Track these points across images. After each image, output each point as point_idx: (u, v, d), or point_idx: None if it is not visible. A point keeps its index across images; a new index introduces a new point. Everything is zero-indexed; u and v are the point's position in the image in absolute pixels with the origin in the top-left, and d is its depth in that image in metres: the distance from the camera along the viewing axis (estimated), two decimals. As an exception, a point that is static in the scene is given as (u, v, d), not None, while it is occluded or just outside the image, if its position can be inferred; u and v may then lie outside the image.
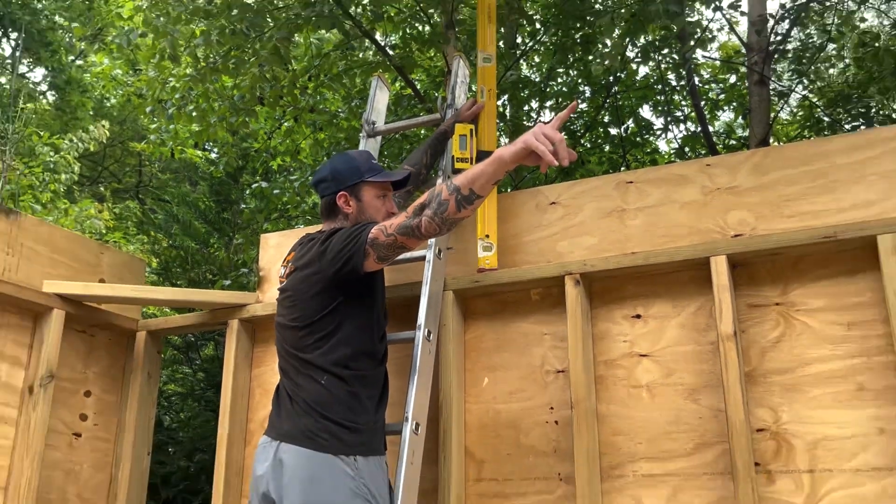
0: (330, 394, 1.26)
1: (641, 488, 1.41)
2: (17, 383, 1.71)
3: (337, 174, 1.51)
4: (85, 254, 2.01)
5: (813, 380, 1.36)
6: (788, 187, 1.43)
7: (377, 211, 1.48)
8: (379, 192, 1.51)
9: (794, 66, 3.80)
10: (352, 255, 1.26)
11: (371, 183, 1.48)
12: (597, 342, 1.52)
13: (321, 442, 1.21)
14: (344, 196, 1.48)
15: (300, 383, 1.30)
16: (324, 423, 1.24)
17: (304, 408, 1.25)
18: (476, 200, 1.18)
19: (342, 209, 1.47)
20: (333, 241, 1.33)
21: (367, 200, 1.48)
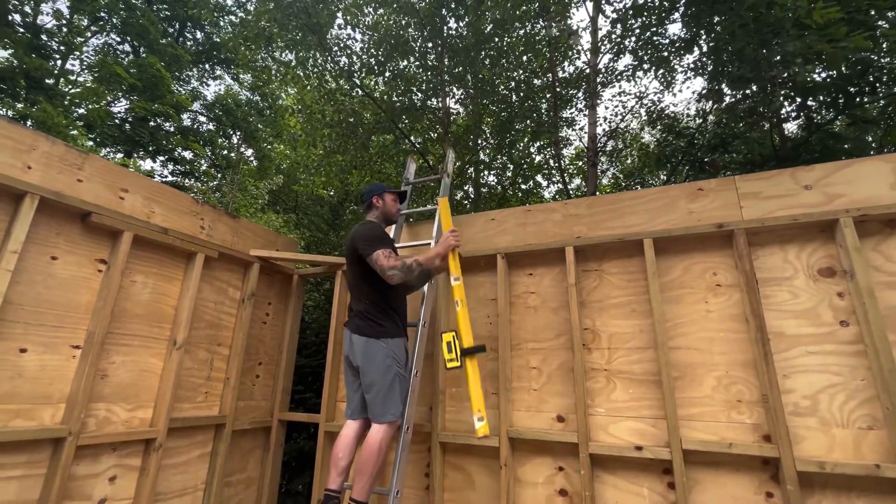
0: (373, 307, 2.39)
1: (529, 354, 2.76)
2: (236, 297, 3.30)
3: (373, 189, 2.74)
4: (269, 237, 3.45)
5: (611, 305, 2.66)
6: (603, 215, 2.77)
7: (393, 206, 2.73)
8: (393, 198, 2.76)
9: (609, 159, 5.99)
10: (363, 251, 2.34)
11: (389, 192, 2.75)
12: (510, 286, 2.90)
13: (368, 332, 2.32)
14: (376, 198, 2.71)
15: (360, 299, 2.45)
16: (369, 322, 2.35)
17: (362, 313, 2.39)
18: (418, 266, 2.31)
19: (375, 204, 2.69)
20: (359, 246, 2.36)
21: (387, 201, 2.72)
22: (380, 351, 2.30)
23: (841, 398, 2.08)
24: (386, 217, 2.73)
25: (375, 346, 2.31)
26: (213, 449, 2.95)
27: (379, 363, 2.28)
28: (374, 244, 2.34)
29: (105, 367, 2.45)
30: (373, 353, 2.30)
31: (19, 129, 2.23)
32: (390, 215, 2.74)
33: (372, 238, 2.38)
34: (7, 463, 2.04)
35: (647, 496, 2.28)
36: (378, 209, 2.70)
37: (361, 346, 2.32)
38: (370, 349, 2.31)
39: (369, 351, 2.30)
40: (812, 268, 2.29)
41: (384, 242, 2.38)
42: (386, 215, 2.72)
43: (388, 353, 2.31)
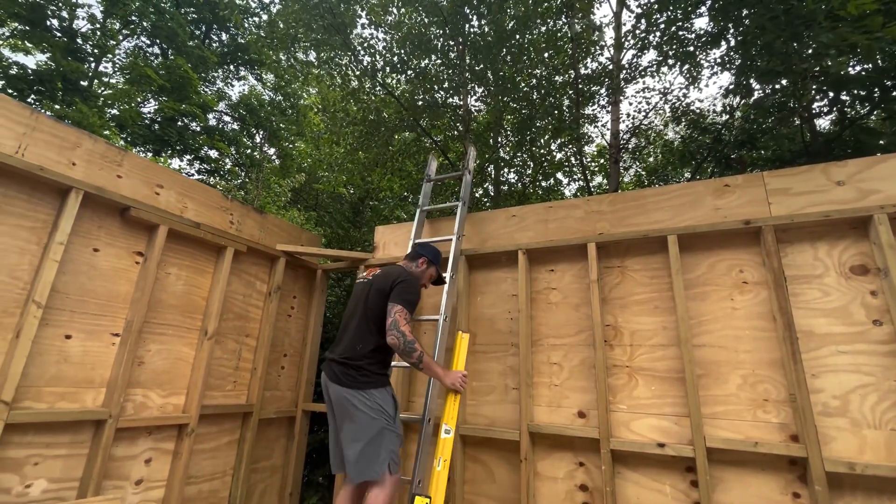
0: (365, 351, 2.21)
1: (550, 350, 2.78)
2: (263, 290, 3.38)
3: (431, 252, 2.64)
4: (294, 232, 3.56)
5: (633, 302, 2.65)
6: (626, 212, 2.75)
7: (427, 279, 2.60)
8: (432, 275, 2.63)
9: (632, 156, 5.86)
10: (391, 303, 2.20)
11: (435, 267, 2.63)
12: (531, 282, 2.91)
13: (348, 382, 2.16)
14: (425, 261, 2.60)
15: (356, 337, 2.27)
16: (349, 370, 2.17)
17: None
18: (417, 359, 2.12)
19: (419, 265, 2.58)
20: (396, 289, 2.24)
21: (429, 272, 2.60)
22: (363, 404, 2.13)
23: (873, 399, 2.03)
24: (418, 279, 2.54)
25: (357, 399, 2.13)
26: (240, 436, 3.06)
27: (362, 418, 2.10)
28: (408, 300, 2.24)
29: (142, 354, 2.57)
30: (354, 407, 2.13)
31: (65, 128, 2.36)
32: (421, 283, 2.59)
33: (410, 293, 2.28)
34: (53, 442, 2.17)
35: (670, 493, 2.27)
36: (419, 270, 2.58)
37: (338, 397, 2.17)
38: (352, 402, 2.13)
39: (350, 404, 2.13)
40: (844, 265, 2.24)
41: (413, 308, 2.27)
42: (419, 278, 2.56)
43: (373, 405, 2.13)
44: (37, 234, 2.21)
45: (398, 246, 3.49)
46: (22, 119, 2.20)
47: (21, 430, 2.05)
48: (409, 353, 2.11)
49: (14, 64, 9.61)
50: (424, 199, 3.46)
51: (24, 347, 2.05)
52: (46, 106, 9.44)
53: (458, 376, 2.32)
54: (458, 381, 2.31)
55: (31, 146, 2.20)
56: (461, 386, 2.32)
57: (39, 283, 2.13)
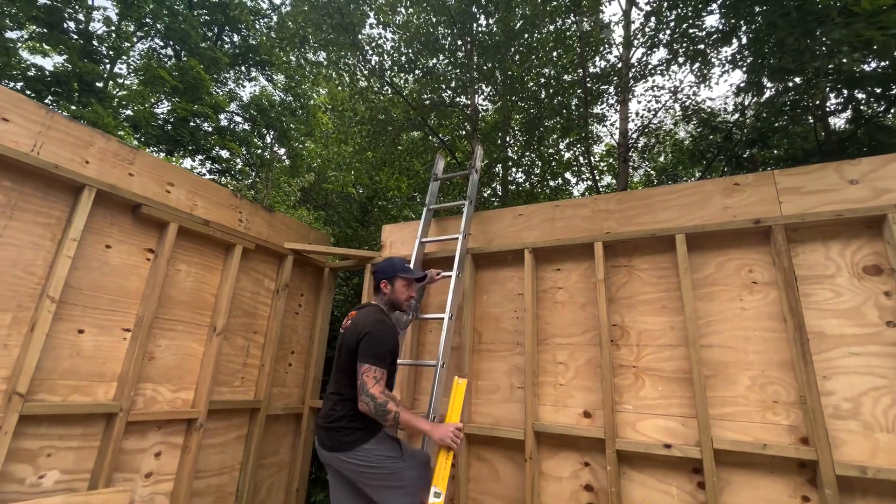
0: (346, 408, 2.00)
1: (556, 349, 2.76)
2: (271, 288, 3.40)
3: (383, 269, 2.26)
4: (302, 230, 3.59)
5: (640, 302, 2.62)
6: (633, 210, 2.72)
7: (402, 293, 2.23)
8: (405, 283, 2.27)
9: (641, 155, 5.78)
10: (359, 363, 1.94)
11: (401, 277, 2.24)
12: (537, 281, 2.89)
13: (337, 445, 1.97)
14: (385, 282, 2.23)
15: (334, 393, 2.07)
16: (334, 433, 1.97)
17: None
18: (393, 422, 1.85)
19: (383, 290, 2.23)
20: (362, 345, 1.95)
21: (397, 286, 2.23)
22: (364, 463, 1.97)
23: (886, 401, 1.99)
24: (392, 304, 2.29)
25: (354, 462, 1.96)
26: (248, 431, 3.09)
27: (374, 478, 1.97)
28: (376, 354, 1.97)
29: (152, 349, 2.61)
30: (357, 471, 1.97)
31: (78, 127, 2.41)
32: (398, 304, 2.29)
33: (378, 344, 1.99)
34: (66, 434, 2.21)
35: (676, 495, 2.24)
36: (385, 295, 2.27)
37: (334, 462, 2.01)
38: (350, 464, 1.97)
39: (351, 467, 1.97)
40: (856, 266, 2.20)
41: (385, 360, 2.00)
42: (393, 303, 2.28)
43: (372, 459, 1.96)
44: (51, 231, 2.26)
45: (405, 244, 3.50)
46: (37, 118, 2.25)
47: (35, 421, 2.10)
48: (382, 416, 1.88)
49: (32, 66, 9.83)
50: (431, 197, 3.46)
51: (39, 341, 2.09)
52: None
53: (448, 430, 1.95)
54: (450, 436, 1.94)
55: (46, 144, 2.25)
56: (453, 441, 1.94)
57: (53, 278, 2.17)
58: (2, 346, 2.05)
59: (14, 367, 2.06)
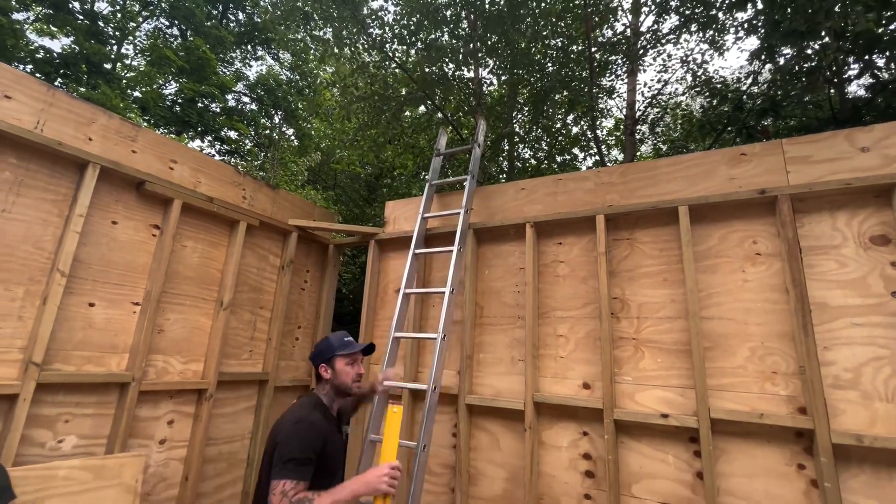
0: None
1: (557, 322, 2.77)
2: (276, 264, 3.48)
3: (319, 352, 1.90)
4: (306, 207, 3.61)
5: (641, 275, 2.61)
6: (637, 183, 2.69)
7: (346, 374, 1.84)
8: (348, 361, 1.87)
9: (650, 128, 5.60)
10: (272, 480, 1.57)
11: (340, 355, 1.85)
12: (539, 255, 2.89)
13: None
14: (323, 366, 1.87)
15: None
16: None
17: None
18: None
19: (323, 376, 1.86)
20: (276, 456, 1.61)
21: (338, 368, 1.84)
22: None
23: (887, 371, 1.97)
24: (338, 390, 1.90)
25: None
26: (257, 402, 3.19)
27: None
28: (287, 462, 1.60)
29: (161, 322, 2.69)
30: None
31: (80, 104, 2.43)
32: (344, 388, 1.89)
33: (290, 450, 1.62)
34: (82, 402, 2.32)
35: (672, 463, 2.28)
36: (326, 382, 1.89)
37: None
38: None
39: None
40: (863, 235, 2.15)
41: (300, 471, 1.60)
42: (338, 389, 1.89)
43: None
44: (58, 207, 2.31)
45: (408, 220, 3.51)
46: (39, 95, 2.28)
47: (52, 389, 2.20)
48: None
49: (41, 48, 9.86)
50: (433, 173, 3.44)
51: (51, 313, 2.17)
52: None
53: (379, 475, 1.62)
54: (384, 481, 1.61)
55: (49, 122, 2.28)
56: (388, 485, 1.62)
57: (62, 253, 2.23)
58: (16, 318, 2.13)
59: (29, 338, 2.14)
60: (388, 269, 3.52)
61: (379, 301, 3.47)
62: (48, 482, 2.02)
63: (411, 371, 3.09)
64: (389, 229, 3.55)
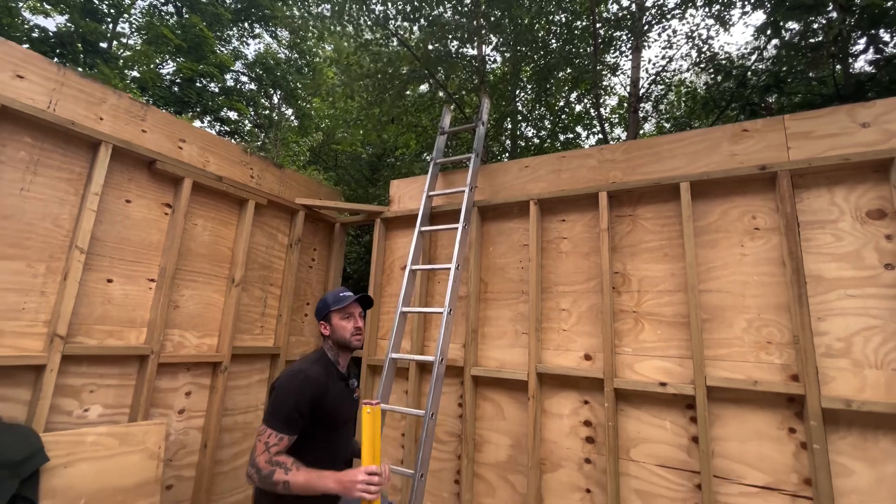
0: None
1: (559, 297, 2.85)
2: (284, 243, 3.57)
3: (318, 310, 1.93)
4: (312, 186, 3.66)
5: (643, 250, 2.68)
6: (640, 160, 2.74)
7: (344, 329, 1.84)
8: (343, 316, 1.86)
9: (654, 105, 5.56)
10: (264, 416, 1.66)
11: (335, 311, 1.86)
12: (542, 231, 2.96)
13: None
14: (322, 324, 1.89)
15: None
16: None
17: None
18: (285, 491, 1.52)
19: (323, 333, 1.89)
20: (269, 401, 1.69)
21: (335, 323, 1.85)
22: None
23: (877, 340, 2.05)
24: (340, 345, 1.89)
25: None
26: (270, 375, 3.31)
27: None
28: (274, 415, 1.64)
29: (176, 298, 2.77)
30: None
31: (91, 83, 2.46)
32: (345, 342, 1.87)
33: (276, 402, 1.66)
34: (105, 373, 2.42)
35: (670, 429, 2.39)
36: (328, 339, 1.90)
37: None
38: None
39: None
40: (860, 210, 2.20)
41: (286, 423, 1.63)
42: (339, 344, 1.88)
43: None
44: (73, 186, 2.37)
45: (413, 199, 3.56)
46: (51, 75, 2.30)
47: (76, 361, 2.30)
48: (271, 486, 1.57)
49: (36, 27, 9.72)
50: (438, 152, 3.48)
51: (73, 288, 2.25)
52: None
53: (354, 479, 1.54)
54: (357, 486, 1.53)
55: (61, 101, 2.32)
56: (362, 490, 1.53)
57: (80, 230, 2.30)
58: (39, 293, 2.21)
59: (52, 312, 2.23)
60: (393, 247, 3.59)
61: (385, 278, 3.55)
62: (77, 447, 2.14)
63: (418, 344, 3.19)
64: (395, 208, 3.60)
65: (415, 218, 3.31)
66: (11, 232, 2.14)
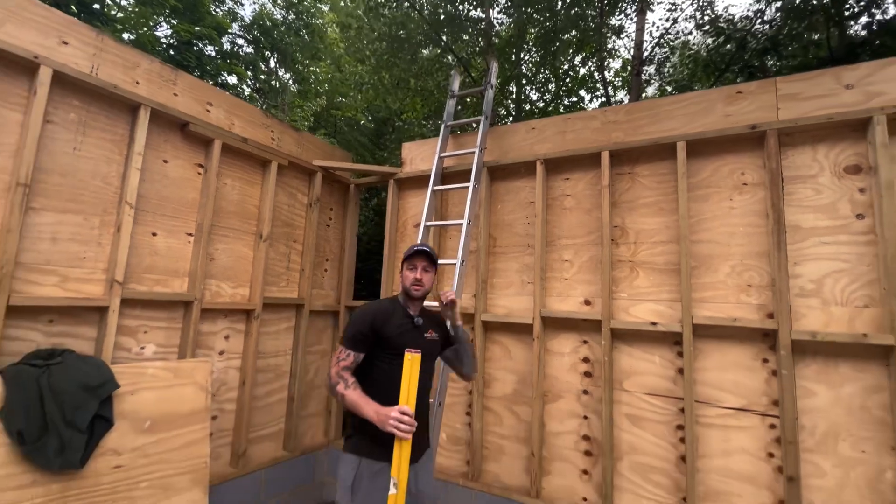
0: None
1: (562, 249, 3.11)
2: (304, 202, 3.79)
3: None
4: (327, 149, 3.84)
5: (640, 205, 2.91)
6: (641, 121, 2.93)
7: (406, 279, 2.06)
8: (407, 266, 2.07)
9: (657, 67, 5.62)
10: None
11: (404, 261, 2.09)
12: (548, 189, 3.20)
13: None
14: (399, 274, 2.22)
15: None
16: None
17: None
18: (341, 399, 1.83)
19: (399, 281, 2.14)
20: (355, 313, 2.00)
21: (403, 273, 2.08)
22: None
23: (845, 281, 2.32)
24: (405, 293, 2.09)
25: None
26: (296, 324, 3.61)
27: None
28: (345, 337, 1.95)
29: (212, 251, 3.03)
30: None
31: (126, 48, 2.61)
32: (405, 290, 2.08)
33: (348, 328, 1.96)
34: (156, 317, 2.70)
35: (658, 362, 2.70)
36: (402, 286, 2.12)
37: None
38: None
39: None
40: (839, 165, 2.42)
41: (351, 341, 1.91)
42: (405, 291, 2.09)
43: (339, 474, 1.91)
44: (118, 146, 2.57)
45: (424, 161, 3.76)
46: (90, 40, 2.46)
47: (131, 304, 2.57)
48: (334, 395, 1.91)
49: (29, -13, 9.50)
50: (448, 115, 3.64)
51: (126, 240, 2.50)
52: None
53: (388, 414, 1.70)
54: (389, 423, 1.68)
55: (101, 66, 2.48)
56: (392, 426, 1.67)
57: (128, 187, 2.52)
58: (97, 244, 2.46)
59: (109, 261, 2.48)
60: (405, 206, 3.82)
61: (399, 235, 3.79)
62: (139, 378, 2.44)
63: (433, 295, 3.47)
64: (407, 169, 3.80)
65: (426, 179, 3.53)
66: (69, 188, 2.36)
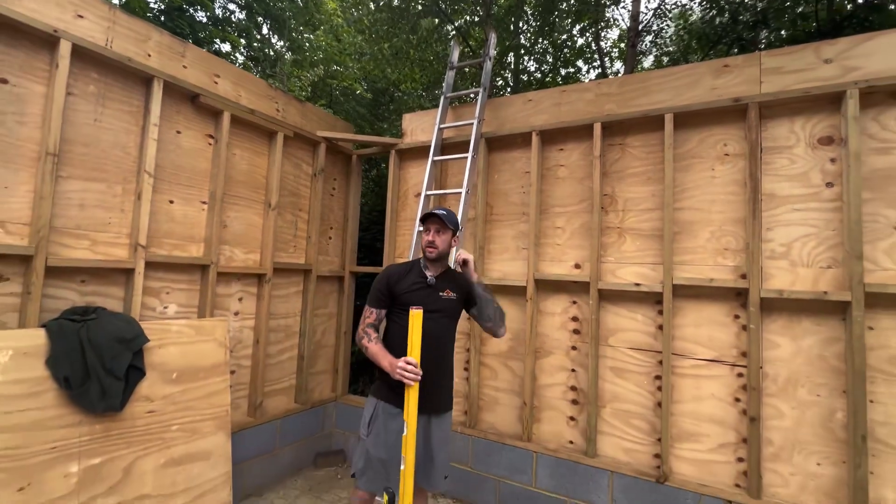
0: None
1: (555, 217, 3.30)
2: (309, 172, 3.86)
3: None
4: (330, 120, 3.97)
5: (629, 175, 3.08)
6: (632, 93, 3.06)
7: (423, 241, 2.20)
8: (424, 230, 2.20)
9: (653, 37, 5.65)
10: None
11: (423, 225, 2.21)
12: (543, 160, 3.36)
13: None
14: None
15: None
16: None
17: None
18: (365, 351, 2.08)
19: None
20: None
21: (421, 237, 2.24)
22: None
23: (812, 244, 2.54)
24: (424, 254, 2.23)
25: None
26: (304, 287, 3.83)
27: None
28: (370, 296, 2.22)
29: (224, 219, 3.20)
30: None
31: (136, 21, 2.70)
32: (423, 252, 2.23)
33: (372, 288, 2.23)
34: (176, 279, 2.91)
35: (641, 320, 2.95)
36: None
37: None
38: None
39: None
40: (813, 137, 2.59)
41: (373, 298, 2.19)
42: (423, 253, 2.22)
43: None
44: (134, 117, 2.70)
45: (424, 132, 3.89)
46: (103, 14, 2.55)
47: (155, 267, 2.77)
48: (361, 347, 2.14)
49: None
50: (448, 87, 3.75)
51: (146, 206, 2.67)
52: None
53: (396, 363, 1.91)
54: (395, 371, 1.89)
55: (115, 39, 2.59)
56: (400, 374, 1.87)
57: (146, 156, 2.67)
58: (120, 211, 2.63)
59: (132, 226, 2.66)
60: (406, 176, 3.97)
61: (400, 204, 3.97)
62: (165, 334, 2.66)
63: (432, 261, 3.68)
64: (407, 140, 3.94)
65: (426, 149, 3.67)
66: (92, 158, 2.51)
